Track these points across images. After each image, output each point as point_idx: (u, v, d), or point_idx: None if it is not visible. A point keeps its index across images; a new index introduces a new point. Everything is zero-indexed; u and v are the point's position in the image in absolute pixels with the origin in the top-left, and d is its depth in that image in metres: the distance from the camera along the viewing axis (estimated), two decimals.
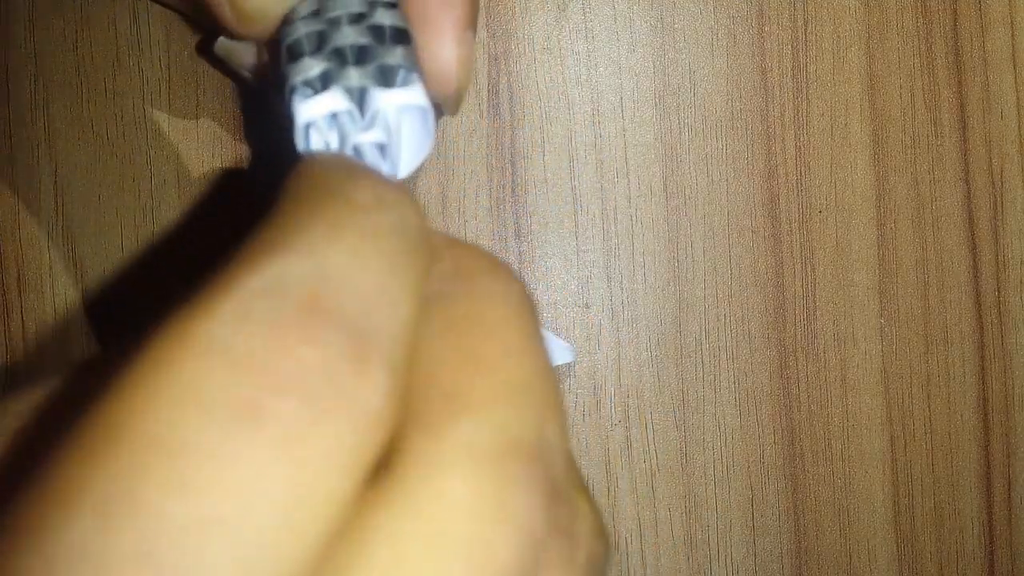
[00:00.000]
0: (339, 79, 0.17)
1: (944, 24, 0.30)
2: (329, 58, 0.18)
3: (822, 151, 0.30)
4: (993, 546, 0.31)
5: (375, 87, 0.17)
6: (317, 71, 0.17)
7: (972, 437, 0.31)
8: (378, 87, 0.17)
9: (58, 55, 0.29)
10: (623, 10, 0.30)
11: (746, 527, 0.30)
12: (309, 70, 0.17)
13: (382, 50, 0.18)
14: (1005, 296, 0.31)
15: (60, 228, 0.29)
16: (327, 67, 0.17)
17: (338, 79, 0.17)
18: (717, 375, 0.30)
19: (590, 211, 0.30)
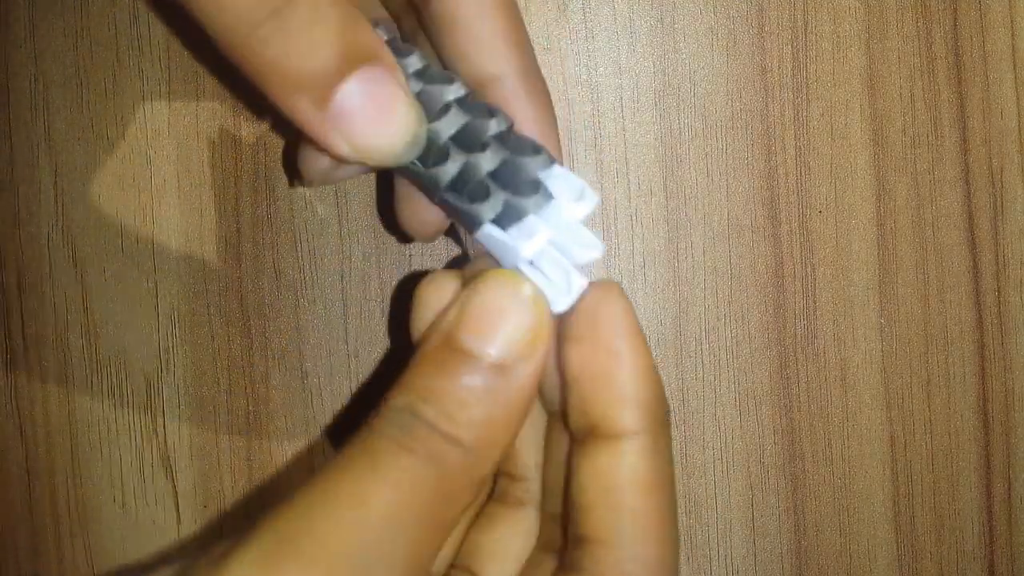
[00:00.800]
0: (530, 208, 0.19)
1: (944, 24, 0.30)
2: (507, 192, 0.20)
3: (822, 151, 0.30)
4: (993, 546, 0.31)
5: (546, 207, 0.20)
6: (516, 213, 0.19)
7: (972, 437, 0.31)
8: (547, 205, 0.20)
9: (58, 55, 0.29)
10: (623, 10, 0.30)
11: (746, 527, 0.30)
12: (525, 226, 0.19)
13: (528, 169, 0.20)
14: (1005, 296, 0.31)
15: (60, 228, 0.29)
16: (514, 202, 0.19)
17: (529, 208, 0.19)
18: (717, 375, 0.30)
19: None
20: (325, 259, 0.30)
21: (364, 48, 0.18)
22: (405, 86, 0.19)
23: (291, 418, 0.29)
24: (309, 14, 0.18)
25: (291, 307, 0.29)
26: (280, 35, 0.18)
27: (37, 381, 0.29)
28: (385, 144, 0.19)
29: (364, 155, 0.19)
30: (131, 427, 0.29)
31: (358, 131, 0.18)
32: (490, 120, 0.20)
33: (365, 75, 0.18)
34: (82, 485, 0.29)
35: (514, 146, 0.20)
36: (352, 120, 0.18)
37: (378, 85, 0.18)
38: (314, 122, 0.18)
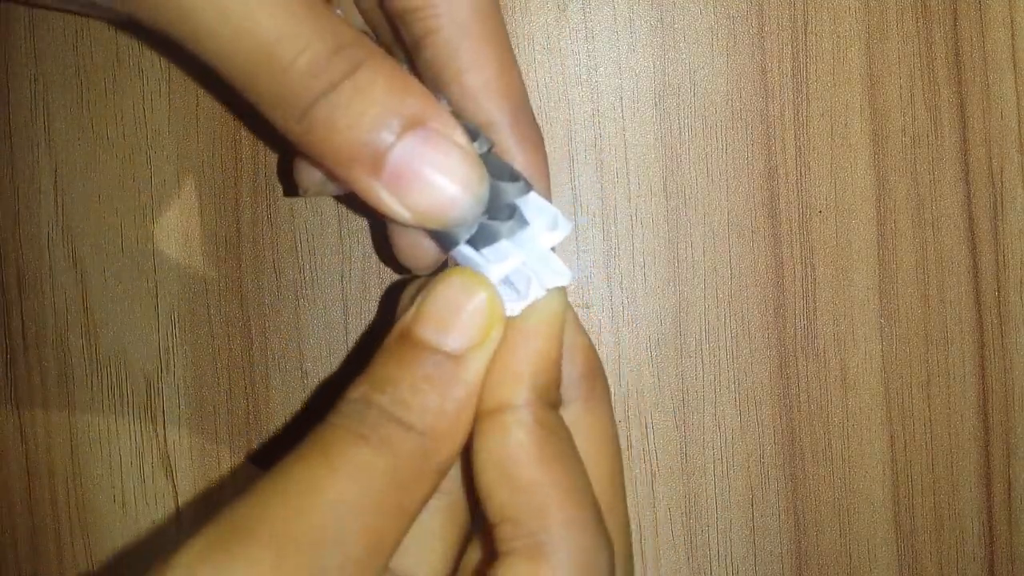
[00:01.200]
0: (503, 233, 0.20)
1: (944, 24, 0.30)
2: None
3: (822, 151, 0.30)
4: (993, 546, 0.31)
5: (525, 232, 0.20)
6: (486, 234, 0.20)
7: (972, 437, 0.31)
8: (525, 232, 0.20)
9: (58, 55, 0.29)
10: (623, 10, 0.30)
11: (746, 527, 0.30)
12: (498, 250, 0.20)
13: None
14: (1005, 296, 0.31)
15: (60, 228, 0.29)
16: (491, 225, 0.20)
17: (502, 233, 0.20)
18: (717, 375, 0.30)
19: (590, 211, 0.30)
20: (325, 259, 0.30)
21: (411, 107, 0.18)
22: (462, 141, 0.18)
23: (291, 418, 0.29)
24: (355, 84, 0.18)
25: (291, 307, 0.30)
26: (331, 111, 0.18)
27: (37, 381, 0.29)
28: (445, 206, 0.18)
29: (426, 220, 0.18)
30: (131, 427, 0.29)
31: (417, 198, 0.18)
32: (473, 143, 0.20)
33: (413, 139, 0.18)
34: (82, 485, 0.29)
35: (493, 170, 0.20)
36: (408, 186, 0.18)
37: (429, 147, 0.18)
38: (370, 192, 0.18)
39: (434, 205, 0.18)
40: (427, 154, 0.18)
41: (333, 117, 0.18)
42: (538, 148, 0.23)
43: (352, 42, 0.18)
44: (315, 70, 0.18)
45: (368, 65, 0.18)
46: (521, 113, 0.22)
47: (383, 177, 0.18)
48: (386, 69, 0.18)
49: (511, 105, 0.22)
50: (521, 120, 0.22)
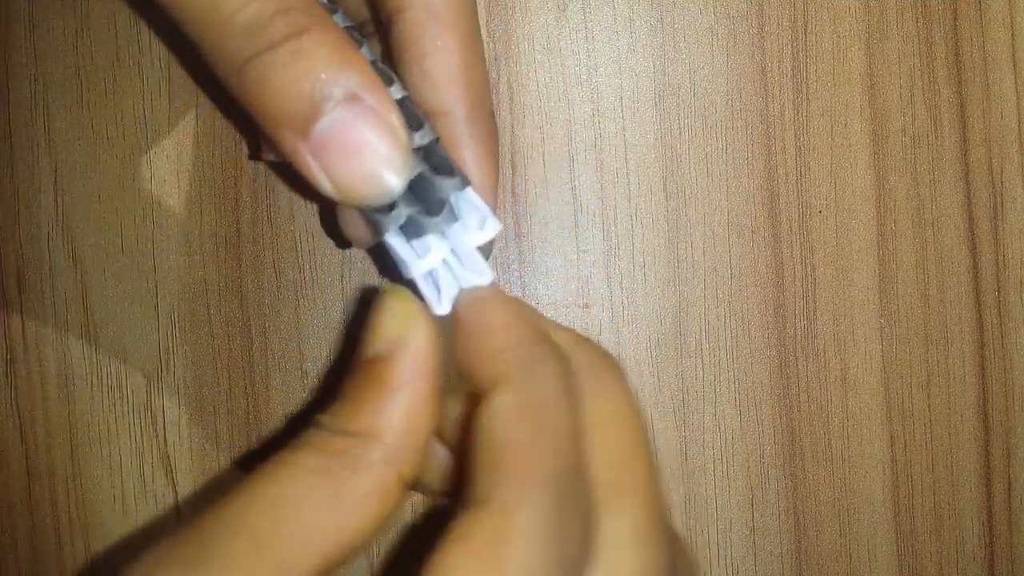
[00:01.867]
0: (429, 228, 0.20)
1: (944, 24, 0.30)
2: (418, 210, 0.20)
3: (822, 151, 0.30)
4: (993, 546, 0.31)
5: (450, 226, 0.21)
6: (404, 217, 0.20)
7: (972, 437, 0.31)
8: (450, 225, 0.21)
9: (58, 55, 0.29)
10: (623, 10, 0.30)
11: (746, 527, 0.30)
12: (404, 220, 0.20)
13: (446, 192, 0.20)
14: (1005, 296, 0.31)
15: (60, 228, 0.29)
16: (414, 214, 0.20)
17: (429, 228, 0.20)
18: (717, 375, 0.30)
19: (590, 211, 0.30)
20: (325, 259, 0.30)
21: (350, 82, 0.18)
22: (395, 123, 0.18)
23: (291, 418, 0.29)
24: (295, 47, 0.18)
25: (291, 307, 0.30)
26: (265, 69, 0.18)
27: (37, 381, 0.29)
28: (365, 182, 0.18)
29: (346, 194, 0.18)
30: (131, 427, 0.29)
31: (339, 168, 0.18)
32: (415, 132, 0.20)
33: (346, 111, 0.18)
34: (82, 485, 0.29)
35: (433, 162, 0.20)
36: (332, 156, 0.18)
37: (360, 121, 0.18)
38: (297, 156, 0.18)
39: (354, 180, 0.18)
40: (356, 128, 0.18)
41: (267, 75, 0.18)
42: (489, 143, 0.23)
43: (300, 7, 0.18)
44: (255, 26, 0.18)
45: (314, 32, 0.18)
46: (478, 105, 0.22)
47: (310, 142, 0.18)
48: (331, 39, 0.18)
49: (469, 96, 0.22)
50: (477, 112, 0.22)
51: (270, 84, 0.18)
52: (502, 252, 0.30)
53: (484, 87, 0.23)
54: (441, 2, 0.21)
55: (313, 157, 0.18)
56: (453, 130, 0.22)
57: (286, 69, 0.18)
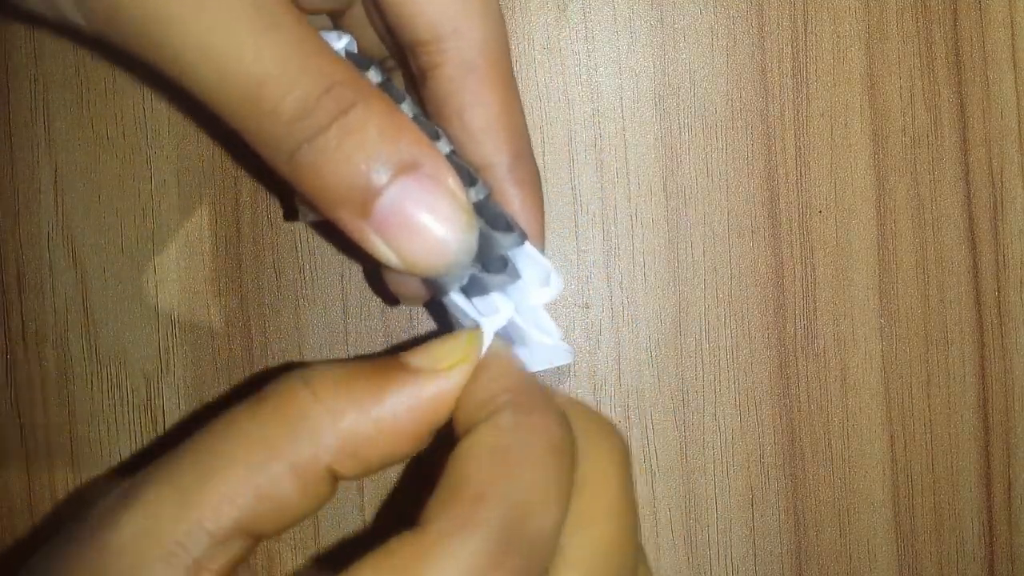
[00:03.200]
0: (492, 286, 0.20)
1: (944, 24, 0.30)
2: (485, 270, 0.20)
3: (822, 151, 0.30)
4: (993, 546, 0.31)
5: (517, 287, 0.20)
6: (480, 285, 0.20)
7: (972, 437, 0.31)
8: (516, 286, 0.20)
9: (58, 55, 0.29)
10: (623, 10, 0.30)
11: (746, 527, 0.30)
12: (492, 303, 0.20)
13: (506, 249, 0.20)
14: (1005, 296, 0.31)
15: (60, 228, 0.29)
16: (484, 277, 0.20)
17: (492, 286, 0.20)
18: (717, 375, 0.30)
19: (590, 211, 0.30)
20: (325, 259, 0.30)
21: (403, 151, 0.17)
22: (454, 187, 0.18)
23: None
24: (344, 126, 0.17)
25: (291, 307, 0.30)
26: (318, 154, 0.17)
27: (37, 381, 0.29)
28: (433, 254, 0.18)
29: (415, 267, 0.18)
30: (131, 427, 0.29)
31: (404, 242, 0.18)
32: (470, 188, 0.20)
33: (404, 183, 0.17)
34: (82, 485, 0.29)
35: (489, 217, 0.20)
36: (396, 231, 0.18)
37: (420, 192, 0.17)
38: (359, 235, 0.18)
39: (423, 252, 0.18)
40: (418, 199, 0.17)
41: (320, 161, 0.17)
42: (535, 193, 0.22)
43: (344, 80, 0.17)
44: (302, 113, 0.17)
45: (360, 107, 0.17)
46: (521, 156, 0.22)
47: (372, 221, 0.17)
48: (379, 110, 0.18)
49: (511, 147, 0.22)
50: (521, 163, 0.22)
51: (324, 168, 0.17)
52: None
53: (524, 135, 0.22)
54: (477, 54, 0.21)
55: (377, 234, 0.18)
56: (498, 181, 0.22)
57: (338, 150, 0.17)
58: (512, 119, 0.22)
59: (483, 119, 0.21)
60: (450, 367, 0.18)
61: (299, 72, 0.17)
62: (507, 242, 0.20)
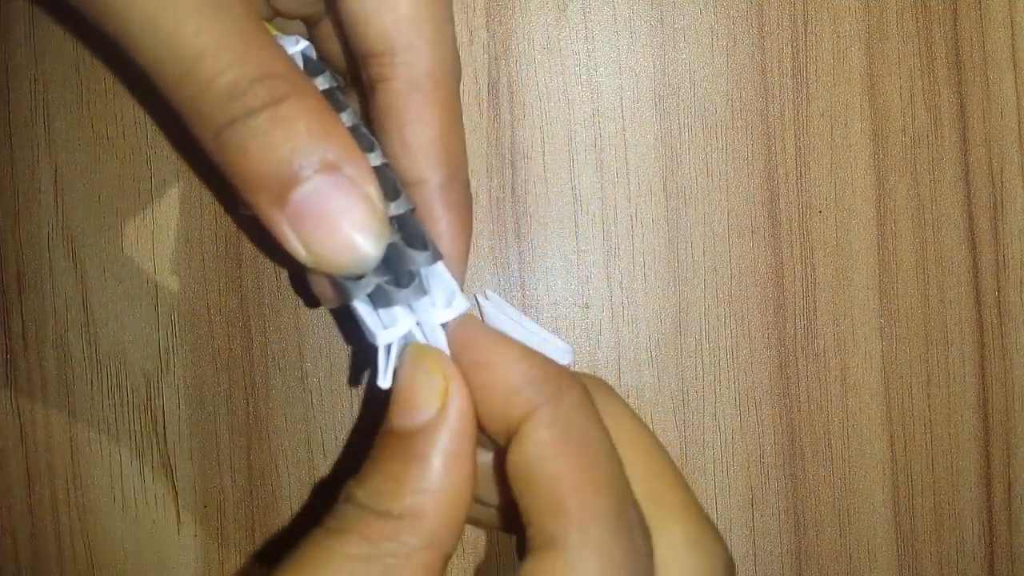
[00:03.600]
0: (397, 300, 0.20)
1: (944, 24, 0.30)
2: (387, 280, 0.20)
3: (822, 151, 0.30)
4: (993, 546, 0.31)
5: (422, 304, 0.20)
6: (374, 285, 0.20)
7: (972, 437, 0.31)
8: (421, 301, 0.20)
9: (58, 55, 0.29)
10: (623, 10, 0.30)
11: (746, 527, 0.30)
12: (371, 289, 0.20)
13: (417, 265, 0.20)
14: (1005, 296, 0.31)
15: (60, 228, 0.29)
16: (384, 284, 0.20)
17: (397, 299, 0.20)
18: (717, 375, 0.30)
19: (590, 211, 0.30)
20: None
21: (328, 150, 0.18)
22: (372, 194, 0.18)
23: (291, 418, 0.29)
24: (273, 115, 0.18)
25: (291, 307, 0.29)
26: (244, 135, 0.18)
27: (37, 381, 0.29)
28: (339, 253, 0.18)
29: (320, 263, 0.18)
30: (131, 427, 0.29)
31: (314, 238, 0.18)
32: (391, 202, 0.20)
33: (323, 180, 0.18)
34: (82, 485, 0.29)
35: (407, 232, 0.20)
36: (308, 225, 0.18)
37: (337, 191, 0.18)
38: (272, 223, 0.18)
39: (330, 251, 0.18)
40: (334, 198, 0.18)
41: (246, 142, 0.18)
42: (463, 215, 0.23)
43: (281, 73, 0.18)
44: (235, 92, 0.17)
45: (293, 100, 0.18)
46: (455, 176, 0.22)
47: (287, 211, 0.18)
48: (311, 108, 0.18)
49: (446, 168, 0.22)
50: (453, 185, 0.22)
51: (248, 151, 0.18)
52: (502, 252, 0.30)
53: (461, 158, 0.23)
54: (423, 74, 0.21)
55: (289, 226, 0.18)
56: (428, 199, 0.22)
57: (265, 136, 0.17)
58: (450, 141, 0.22)
59: (422, 137, 0.22)
60: (442, 405, 0.19)
61: (238, 55, 0.18)
62: (420, 259, 0.20)
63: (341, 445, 0.30)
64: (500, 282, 0.30)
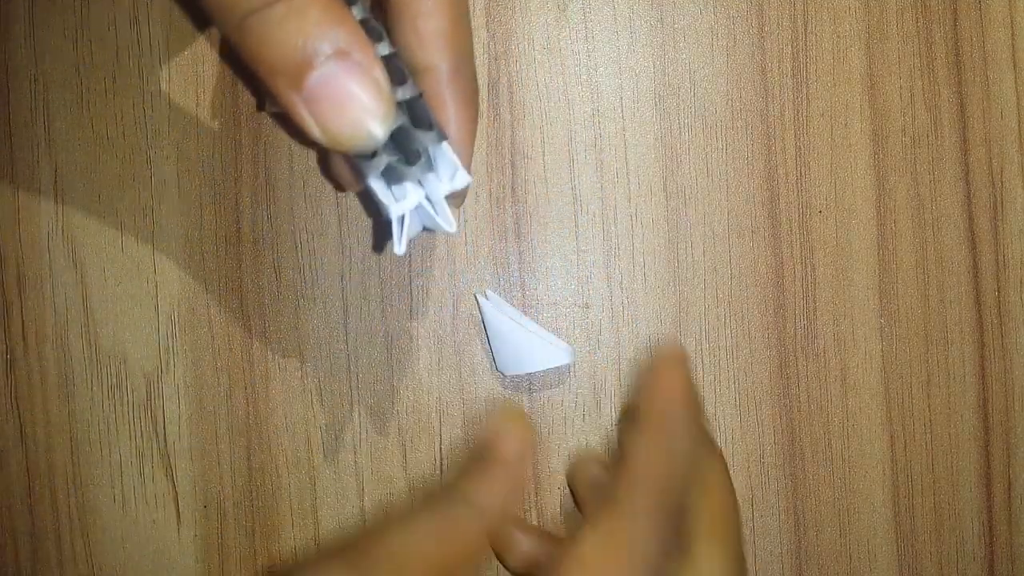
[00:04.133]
0: (407, 176, 0.23)
1: (944, 24, 0.30)
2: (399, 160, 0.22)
3: (822, 151, 0.30)
4: (993, 546, 0.31)
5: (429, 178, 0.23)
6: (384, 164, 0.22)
7: (972, 437, 0.31)
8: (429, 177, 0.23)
9: (58, 55, 0.29)
10: (623, 10, 0.30)
11: (746, 527, 0.30)
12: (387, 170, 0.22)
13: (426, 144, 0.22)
14: (1005, 296, 0.31)
15: (60, 228, 0.29)
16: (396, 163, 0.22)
17: (406, 175, 0.23)
18: (717, 375, 0.30)
19: (590, 211, 0.30)
20: (325, 259, 0.30)
21: (339, 39, 0.20)
22: (379, 78, 0.20)
23: (291, 418, 0.29)
24: (289, 6, 0.19)
25: (291, 307, 0.29)
26: (262, 25, 0.19)
27: (37, 381, 0.29)
28: (350, 131, 0.20)
29: (334, 141, 0.20)
30: (131, 427, 0.29)
31: (327, 118, 0.20)
32: (399, 87, 0.22)
33: (334, 65, 0.20)
34: (82, 485, 0.29)
35: (414, 114, 0.22)
36: (321, 106, 0.20)
37: (346, 75, 0.20)
38: (291, 105, 0.20)
39: (342, 129, 0.20)
40: (344, 81, 0.20)
41: (266, 30, 0.19)
42: (469, 101, 0.25)
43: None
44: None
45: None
46: (462, 64, 0.24)
47: (303, 92, 0.20)
48: (323, 2, 0.20)
49: (454, 54, 0.24)
50: (461, 70, 0.24)
51: (267, 39, 0.19)
52: (502, 252, 0.30)
53: (468, 48, 0.25)
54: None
55: (305, 107, 0.20)
56: (437, 86, 0.24)
57: (281, 26, 0.19)
58: (459, 33, 0.24)
59: (434, 27, 0.24)
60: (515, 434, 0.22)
61: None
62: (426, 139, 0.22)
63: (341, 445, 0.30)
64: (500, 282, 0.30)
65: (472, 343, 0.30)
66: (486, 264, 0.30)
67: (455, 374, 0.30)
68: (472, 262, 0.30)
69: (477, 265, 0.30)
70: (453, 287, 0.30)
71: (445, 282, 0.30)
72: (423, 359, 0.30)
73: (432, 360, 0.30)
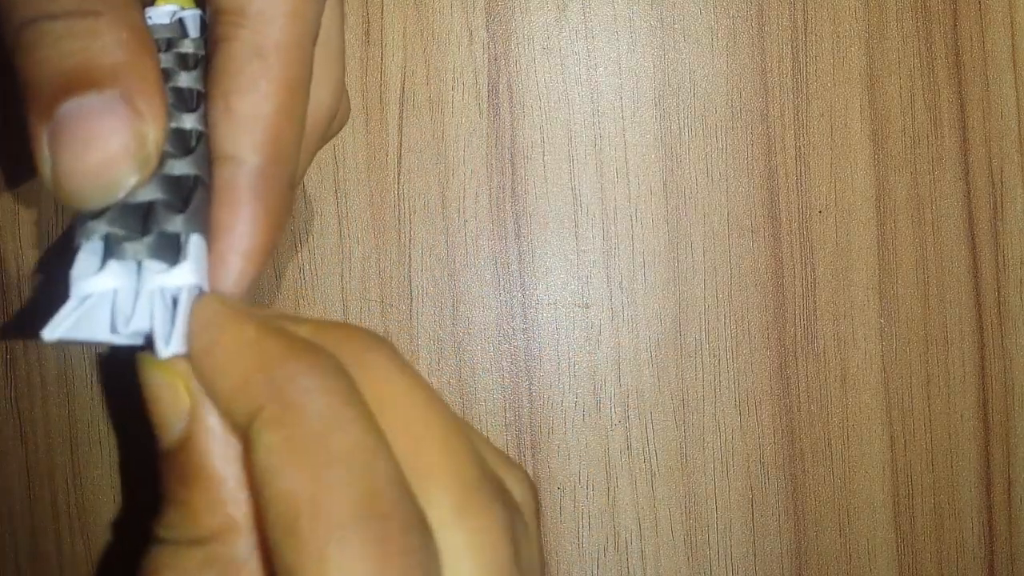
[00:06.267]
0: (118, 253, 0.17)
1: (944, 24, 0.30)
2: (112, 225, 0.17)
3: (822, 151, 0.30)
4: (993, 546, 0.31)
5: (151, 262, 0.18)
6: (99, 235, 0.17)
7: (972, 437, 0.31)
8: (154, 262, 0.18)
9: None
10: (623, 10, 0.30)
11: (746, 527, 0.30)
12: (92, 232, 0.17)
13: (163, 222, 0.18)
14: (1005, 296, 0.31)
15: (60, 228, 0.29)
16: (110, 231, 0.17)
17: (117, 253, 0.17)
18: (717, 375, 0.30)
19: (590, 211, 0.30)
20: (325, 259, 0.30)
21: (128, 78, 0.16)
22: (147, 133, 0.17)
23: None
24: (73, 26, 0.16)
25: (291, 307, 0.29)
26: (38, 36, 0.16)
27: (37, 381, 0.29)
28: (81, 180, 0.16)
29: (58, 187, 0.16)
30: (131, 427, 0.29)
31: (62, 157, 0.16)
32: (174, 159, 0.18)
33: (97, 99, 0.16)
34: (82, 485, 0.29)
35: (178, 196, 0.18)
36: (62, 140, 0.16)
37: (109, 114, 0.16)
38: (33, 137, 0.17)
39: (72, 173, 0.16)
40: (107, 124, 0.16)
41: (36, 45, 0.16)
42: (271, 210, 0.19)
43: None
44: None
45: (108, 20, 0.16)
46: (278, 165, 0.19)
47: (50, 122, 0.16)
48: (125, 33, 0.16)
49: (270, 150, 0.19)
50: (274, 171, 0.19)
51: (36, 52, 0.16)
52: (502, 252, 0.30)
53: (293, 149, 0.19)
54: (271, 43, 0.19)
55: (48, 137, 0.16)
56: (236, 180, 0.19)
57: (58, 43, 0.16)
58: (285, 124, 0.19)
59: (251, 110, 0.19)
60: (189, 415, 0.17)
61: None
62: (166, 219, 0.18)
63: None
64: (500, 282, 0.30)
65: (472, 343, 0.30)
66: (486, 264, 0.30)
67: (455, 374, 0.30)
68: (472, 262, 0.30)
69: (477, 265, 0.30)
70: (453, 287, 0.30)
71: (445, 282, 0.30)
72: (423, 359, 0.30)
73: (432, 360, 0.30)
